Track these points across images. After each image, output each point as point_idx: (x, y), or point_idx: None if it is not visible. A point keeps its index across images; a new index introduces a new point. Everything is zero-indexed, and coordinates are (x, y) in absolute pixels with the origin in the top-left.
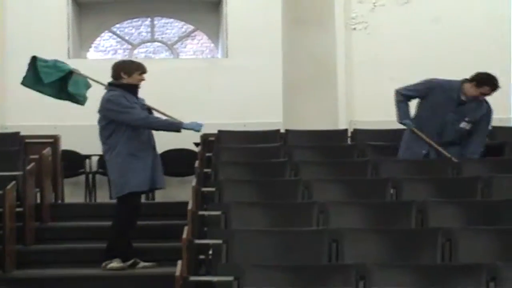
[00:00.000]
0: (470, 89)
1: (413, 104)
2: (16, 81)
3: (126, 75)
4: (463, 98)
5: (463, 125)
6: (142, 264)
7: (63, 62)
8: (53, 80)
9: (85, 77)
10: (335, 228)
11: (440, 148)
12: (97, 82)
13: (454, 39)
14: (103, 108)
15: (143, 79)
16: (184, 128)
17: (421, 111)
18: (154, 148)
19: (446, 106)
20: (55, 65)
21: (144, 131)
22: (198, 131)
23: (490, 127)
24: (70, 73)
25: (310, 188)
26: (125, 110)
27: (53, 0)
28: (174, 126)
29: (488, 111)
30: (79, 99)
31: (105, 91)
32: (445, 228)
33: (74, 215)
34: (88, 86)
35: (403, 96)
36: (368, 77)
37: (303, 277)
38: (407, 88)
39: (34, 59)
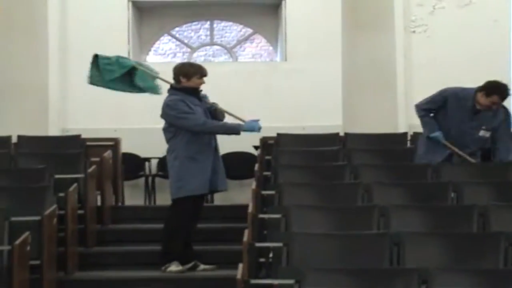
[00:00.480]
0: (481, 99)
1: None
2: (78, 84)
3: (185, 78)
4: (477, 107)
5: (482, 133)
6: (202, 266)
7: (126, 58)
8: (117, 77)
9: (150, 71)
10: (396, 231)
11: (466, 155)
12: (163, 80)
13: None
14: (163, 112)
15: (203, 82)
16: (243, 131)
17: (439, 121)
18: (215, 150)
19: (462, 115)
20: (117, 61)
21: (204, 134)
22: (258, 131)
23: None
24: (133, 68)
25: (370, 192)
26: (183, 116)
27: (114, 4)
28: (233, 130)
29: (506, 115)
30: (151, 90)
31: (167, 94)
32: (508, 232)
33: (134, 218)
34: (153, 77)
35: (424, 111)
36: (427, 80)
37: (365, 280)
38: (425, 101)
39: (96, 57)
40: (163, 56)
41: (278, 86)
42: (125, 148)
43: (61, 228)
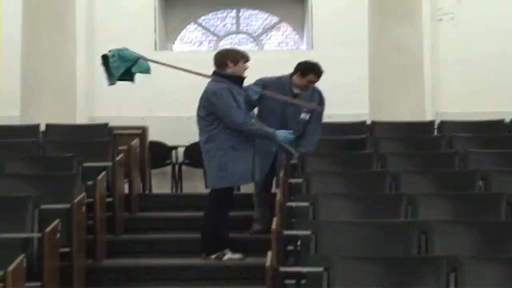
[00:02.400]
0: (297, 80)
1: None
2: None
3: (232, 63)
4: (295, 91)
5: (303, 116)
6: (230, 255)
7: (127, 49)
8: (123, 72)
9: (158, 63)
10: (424, 220)
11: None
12: (187, 71)
13: None
14: (207, 99)
15: (247, 68)
16: (277, 139)
17: (261, 113)
18: (254, 140)
19: (282, 103)
20: (119, 55)
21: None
22: (291, 139)
23: (323, 116)
24: (137, 60)
25: (397, 180)
26: (227, 110)
27: None
28: (267, 135)
29: (320, 99)
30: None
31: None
32: None
33: (161, 206)
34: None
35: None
36: (454, 68)
37: (393, 269)
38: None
39: (104, 57)
40: (189, 45)
41: None
42: (152, 136)
43: (89, 216)
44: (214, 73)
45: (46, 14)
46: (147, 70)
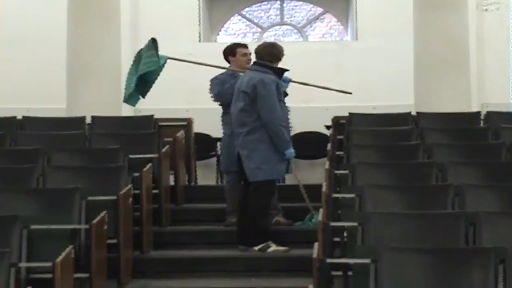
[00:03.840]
0: (236, 64)
1: None
2: None
3: (277, 58)
4: None
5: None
6: (275, 247)
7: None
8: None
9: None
10: (472, 211)
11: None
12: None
13: None
14: (252, 86)
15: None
16: (287, 152)
17: None
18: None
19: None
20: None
21: (286, 117)
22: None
23: None
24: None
25: (444, 171)
26: (270, 102)
27: None
28: (284, 144)
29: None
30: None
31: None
32: None
33: (207, 197)
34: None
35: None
36: (500, 58)
37: (441, 260)
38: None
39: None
40: (233, 37)
41: (348, 66)
42: (197, 128)
43: (136, 207)
44: (257, 63)
45: (91, 7)
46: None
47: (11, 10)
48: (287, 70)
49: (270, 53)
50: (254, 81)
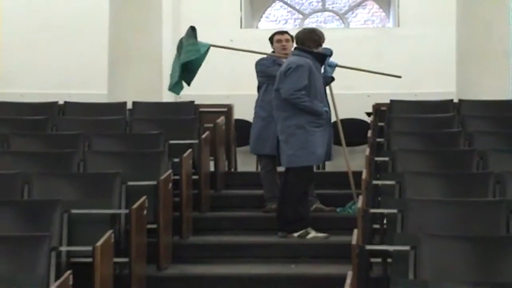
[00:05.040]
0: (276, 50)
1: None
2: None
3: (315, 46)
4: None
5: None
6: (314, 233)
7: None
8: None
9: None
10: None
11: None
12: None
13: None
14: (289, 70)
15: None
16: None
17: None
18: (330, 120)
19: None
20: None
21: (323, 103)
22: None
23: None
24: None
25: (485, 159)
26: (293, 82)
27: None
28: (317, 113)
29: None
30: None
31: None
32: None
33: (246, 184)
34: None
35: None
36: None
37: (481, 248)
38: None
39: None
40: (274, 23)
41: (390, 53)
42: (237, 114)
43: (175, 193)
44: (297, 48)
45: None
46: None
47: None
48: (327, 55)
49: (310, 39)
50: (291, 64)
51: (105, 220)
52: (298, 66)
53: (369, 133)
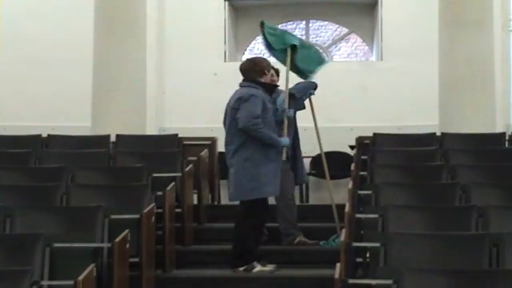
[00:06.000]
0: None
1: None
2: (175, 84)
3: (267, 71)
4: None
5: (290, 113)
6: (260, 267)
7: (291, 35)
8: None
9: (315, 50)
10: (496, 232)
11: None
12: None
13: None
14: (240, 100)
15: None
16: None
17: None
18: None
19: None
20: (282, 36)
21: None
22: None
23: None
24: (293, 47)
25: (468, 192)
26: (249, 111)
27: (210, 4)
28: (274, 143)
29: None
30: (306, 75)
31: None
32: None
33: (230, 216)
34: (321, 62)
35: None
36: None
37: (464, 281)
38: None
39: (262, 24)
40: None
41: (373, 86)
42: (221, 147)
43: (158, 226)
44: (246, 80)
45: (117, 26)
46: (309, 72)
47: (37, 30)
48: (276, 86)
49: (253, 70)
50: (243, 95)
51: (87, 253)
52: (251, 96)
53: (352, 166)
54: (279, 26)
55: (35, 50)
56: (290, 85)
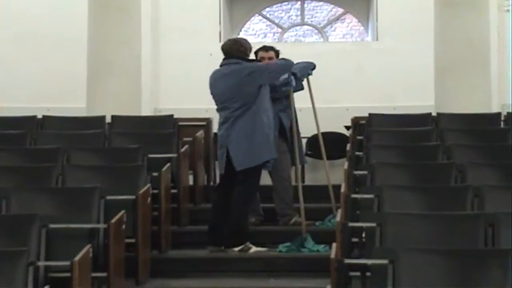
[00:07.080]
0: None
1: None
2: (169, 65)
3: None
4: None
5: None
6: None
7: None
8: None
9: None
10: (491, 212)
11: None
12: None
13: None
14: (233, 72)
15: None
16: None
17: None
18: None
19: None
20: None
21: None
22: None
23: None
24: None
25: (463, 172)
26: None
27: None
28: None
29: None
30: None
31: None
32: None
33: None
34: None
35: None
36: None
37: (459, 261)
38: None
39: None
40: (253, 37)
41: (369, 66)
42: (216, 128)
43: (154, 207)
44: (235, 57)
45: (112, 5)
46: None
47: (31, 9)
48: (260, 61)
49: (237, 50)
50: (232, 69)
51: (83, 234)
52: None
53: (348, 146)
54: (275, 7)
55: (30, 30)
56: None
